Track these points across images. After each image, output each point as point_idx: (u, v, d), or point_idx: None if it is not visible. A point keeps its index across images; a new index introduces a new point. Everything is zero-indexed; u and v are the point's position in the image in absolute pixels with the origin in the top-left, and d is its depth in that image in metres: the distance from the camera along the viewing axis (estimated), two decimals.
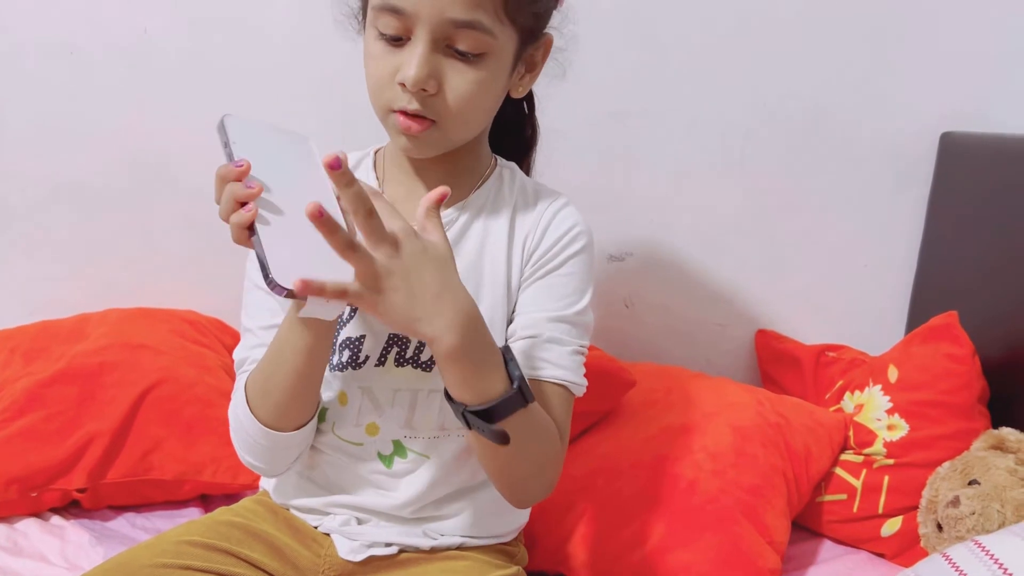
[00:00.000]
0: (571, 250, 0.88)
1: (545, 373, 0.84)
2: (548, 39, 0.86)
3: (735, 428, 1.21)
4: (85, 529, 1.15)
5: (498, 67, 0.79)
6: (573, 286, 0.88)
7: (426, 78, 0.76)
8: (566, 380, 0.85)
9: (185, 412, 1.22)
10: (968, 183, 1.38)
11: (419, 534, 0.91)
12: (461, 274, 0.79)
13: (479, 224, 0.89)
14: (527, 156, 1.01)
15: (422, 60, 0.75)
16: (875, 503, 1.21)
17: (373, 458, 0.89)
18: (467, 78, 0.77)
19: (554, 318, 0.86)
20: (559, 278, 0.88)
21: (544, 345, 0.85)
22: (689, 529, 1.09)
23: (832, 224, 1.49)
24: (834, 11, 1.38)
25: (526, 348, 0.85)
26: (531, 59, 0.85)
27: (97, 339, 1.29)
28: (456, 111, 0.79)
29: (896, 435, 1.22)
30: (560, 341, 0.85)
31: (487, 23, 0.75)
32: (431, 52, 0.76)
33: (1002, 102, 1.41)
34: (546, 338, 0.85)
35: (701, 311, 1.53)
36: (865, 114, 1.43)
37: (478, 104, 0.80)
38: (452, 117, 0.79)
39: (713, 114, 1.42)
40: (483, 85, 0.78)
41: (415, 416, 0.88)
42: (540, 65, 0.87)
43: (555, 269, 0.88)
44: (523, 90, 0.87)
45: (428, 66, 0.75)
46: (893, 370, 1.28)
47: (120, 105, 1.39)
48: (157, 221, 1.45)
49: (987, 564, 0.80)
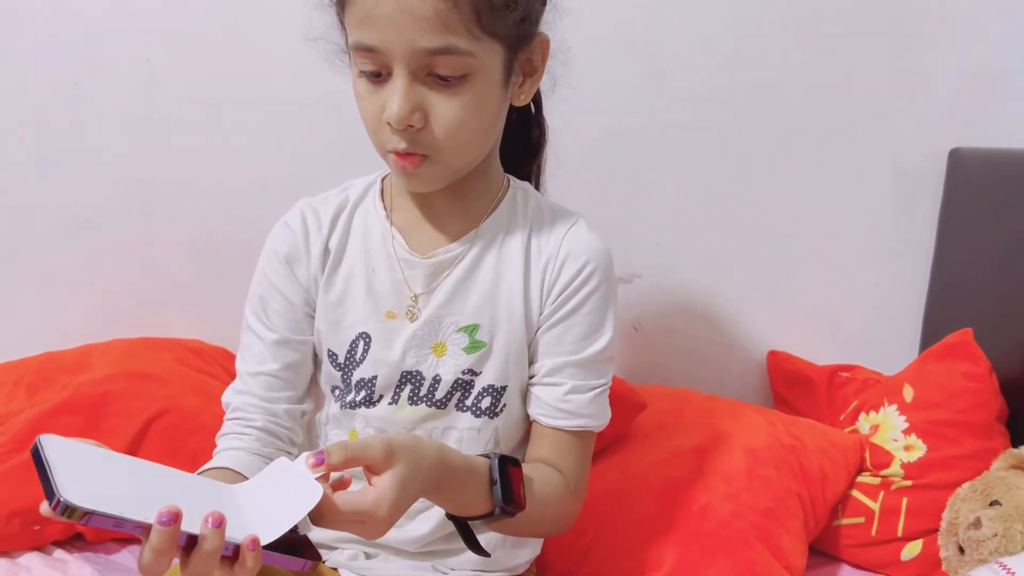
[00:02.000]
0: (591, 286, 0.86)
1: (566, 424, 0.85)
2: (543, 40, 0.82)
3: (748, 450, 1.19)
4: (88, 563, 1.13)
5: (486, 85, 0.76)
6: (595, 323, 0.86)
7: (409, 114, 0.73)
8: (587, 427, 0.86)
9: (190, 441, 1.20)
10: (978, 199, 1.37)
11: (428, 568, 0.89)
12: (475, 308, 0.83)
13: (493, 253, 0.87)
14: (535, 158, 0.97)
15: (403, 97, 0.73)
16: (894, 526, 1.18)
17: None
18: (452, 105, 0.74)
19: (576, 363, 0.86)
20: (581, 317, 0.86)
21: (567, 397, 0.85)
22: (702, 554, 1.07)
23: (841, 242, 1.47)
24: (839, 28, 1.38)
25: (548, 397, 0.86)
26: (528, 64, 0.82)
27: (101, 369, 1.28)
28: (447, 141, 0.76)
29: (913, 456, 1.20)
30: (583, 388, 0.86)
31: (462, 45, 0.72)
32: (411, 85, 0.73)
33: (1010, 118, 1.40)
34: (568, 389, 0.85)
35: (710, 332, 1.51)
36: (872, 131, 1.42)
37: (470, 128, 0.77)
38: (445, 148, 0.77)
39: (716, 133, 1.42)
40: (471, 109, 0.76)
41: None
42: (541, 68, 0.83)
43: (574, 311, 0.86)
44: (525, 97, 0.83)
45: (409, 102, 0.73)
46: (908, 389, 1.26)
47: (124, 136, 1.39)
48: (161, 251, 1.45)
49: None
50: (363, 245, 0.88)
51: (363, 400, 0.86)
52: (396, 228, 0.87)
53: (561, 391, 0.85)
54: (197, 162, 1.41)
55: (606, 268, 0.87)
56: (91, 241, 1.44)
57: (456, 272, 0.85)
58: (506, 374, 0.86)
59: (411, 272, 0.86)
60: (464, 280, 0.86)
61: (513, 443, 0.90)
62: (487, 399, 0.86)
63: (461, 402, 0.86)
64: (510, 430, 0.89)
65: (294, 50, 1.33)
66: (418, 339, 0.85)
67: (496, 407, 0.86)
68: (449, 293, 0.85)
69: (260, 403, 0.86)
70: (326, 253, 0.87)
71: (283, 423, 0.87)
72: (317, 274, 0.87)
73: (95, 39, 1.36)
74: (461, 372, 0.85)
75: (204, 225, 1.44)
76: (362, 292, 0.86)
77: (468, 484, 0.74)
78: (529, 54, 0.81)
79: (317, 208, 0.89)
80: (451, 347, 0.85)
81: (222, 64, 1.37)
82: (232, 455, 0.84)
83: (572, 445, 0.86)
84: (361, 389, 0.86)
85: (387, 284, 0.86)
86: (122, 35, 1.36)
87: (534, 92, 0.84)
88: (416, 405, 0.86)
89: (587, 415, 0.86)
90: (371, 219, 0.89)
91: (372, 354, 0.85)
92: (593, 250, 0.87)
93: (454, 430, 0.86)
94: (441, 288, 0.85)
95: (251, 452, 0.84)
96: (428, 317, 0.85)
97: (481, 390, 0.86)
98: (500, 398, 0.86)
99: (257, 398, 0.86)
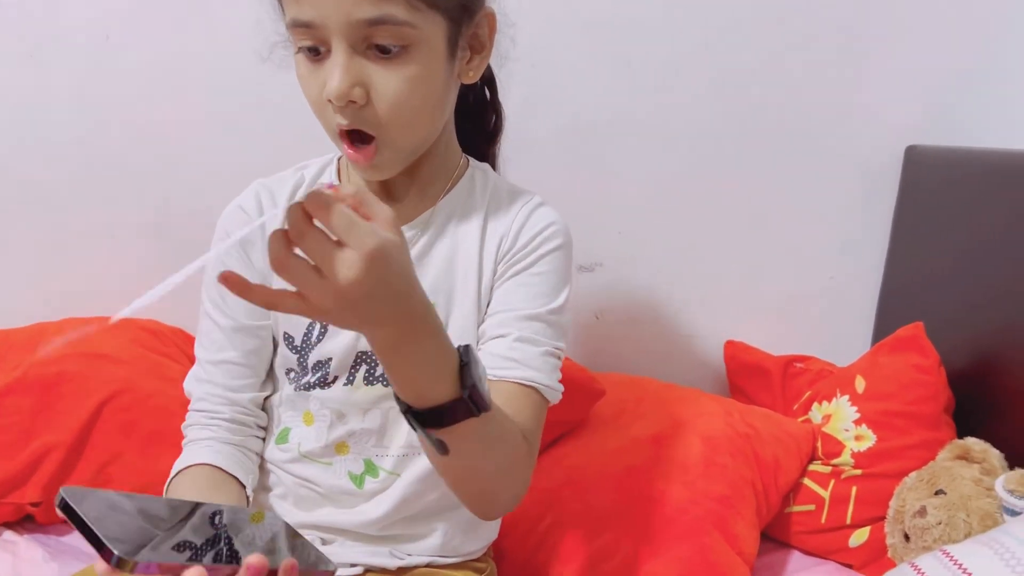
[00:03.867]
0: (547, 247, 0.84)
1: (513, 373, 0.79)
2: (489, 15, 0.79)
3: (705, 438, 1.21)
4: (39, 544, 1.11)
5: (430, 59, 0.74)
6: (549, 284, 0.84)
7: (349, 88, 0.71)
8: (536, 382, 0.79)
9: (145, 423, 1.19)
10: (933, 196, 1.40)
11: (386, 554, 0.89)
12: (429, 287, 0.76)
13: (449, 232, 0.86)
14: (491, 144, 0.96)
15: (342, 71, 0.70)
16: (843, 514, 1.21)
17: (343, 477, 0.87)
18: (394, 78, 0.72)
19: (526, 316, 0.81)
20: (533, 276, 0.84)
21: (514, 344, 0.80)
22: (659, 540, 1.08)
23: (799, 236, 1.50)
24: (801, 25, 1.39)
25: (495, 348, 0.80)
26: (475, 40, 0.79)
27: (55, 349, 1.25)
28: (392, 118, 0.74)
29: (864, 445, 1.22)
30: (532, 341, 0.80)
31: (401, 15, 0.70)
32: (351, 59, 0.71)
33: (967, 116, 1.43)
34: (516, 337, 0.80)
35: (670, 322, 1.53)
36: (832, 127, 1.44)
37: (414, 103, 0.74)
38: (391, 125, 0.74)
39: (681, 126, 1.43)
40: (414, 82, 0.73)
41: (386, 434, 0.86)
42: (489, 45, 0.81)
43: (529, 267, 0.84)
44: (474, 74, 0.81)
45: (349, 76, 0.71)
46: (860, 381, 1.28)
47: (82, 112, 1.36)
48: (118, 229, 1.42)
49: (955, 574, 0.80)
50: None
51: (318, 381, 0.85)
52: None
53: (509, 340, 0.80)
54: (154, 140, 1.38)
55: (566, 237, 0.86)
56: (45, 218, 1.40)
57: (412, 252, 0.82)
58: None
59: None
60: (420, 259, 0.84)
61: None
62: None
63: None
64: None
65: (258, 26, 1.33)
66: None
67: None
68: None
69: (224, 393, 0.85)
70: None
71: (248, 411, 0.87)
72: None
73: (53, 11, 1.32)
74: None
75: (161, 203, 1.41)
76: None
77: (436, 350, 0.64)
78: (475, 29, 0.78)
79: (272, 188, 0.88)
80: None
81: (182, 41, 1.34)
82: (205, 447, 0.83)
83: (524, 403, 0.79)
84: (317, 371, 0.85)
85: None
86: (81, 9, 1.32)
87: (483, 69, 0.82)
88: (372, 385, 0.85)
89: (536, 369, 0.79)
90: None
91: (328, 335, 0.84)
92: (554, 218, 0.86)
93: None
94: None
95: (222, 441, 0.84)
96: None
97: None
98: None
99: (220, 387, 0.85)
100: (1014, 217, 1.21)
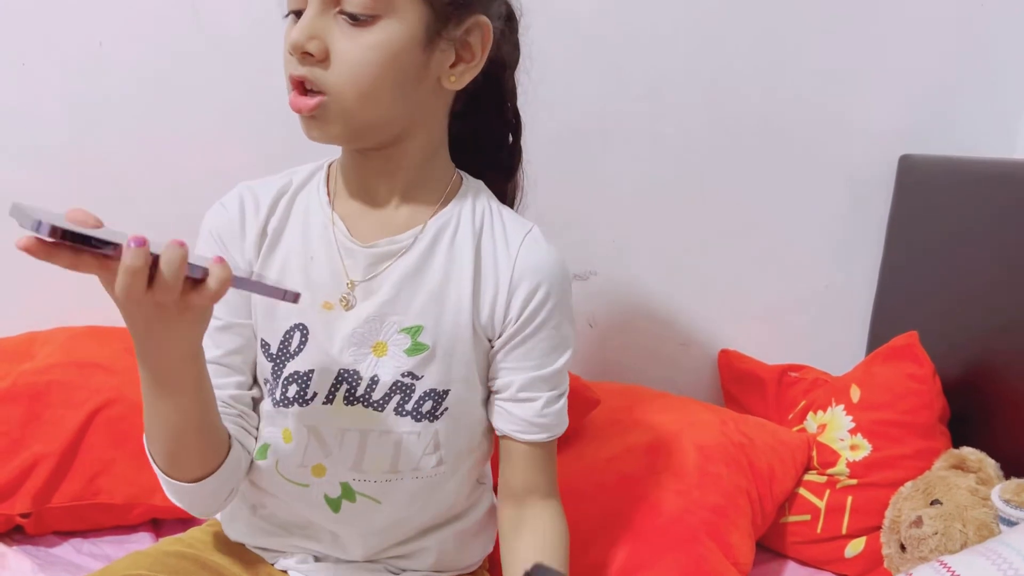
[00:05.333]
0: (548, 308, 0.83)
1: (540, 437, 0.86)
2: (481, 23, 0.77)
3: (699, 447, 1.20)
4: (28, 556, 1.10)
5: (399, 36, 0.72)
6: (557, 338, 0.85)
7: (306, 39, 0.71)
8: (557, 435, 0.87)
9: (136, 433, 1.16)
10: (926, 205, 1.40)
11: (381, 570, 0.88)
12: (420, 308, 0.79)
13: (442, 252, 0.82)
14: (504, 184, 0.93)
15: (304, 22, 0.72)
16: (839, 524, 1.21)
17: (319, 501, 0.85)
18: (356, 44, 0.72)
19: (544, 377, 0.85)
20: (543, 333, 0.84)
21: (544, 411, 0.85)
22: (653, 550, 1.08)
23: (793, 245, 1.50)
24: (793, 34, 1.40)
25: (522, 412, 0.85)
26: (463, 46, 0.77)
27: (45, 357, 1.24)
28: (347, 81, 0.72)
29: (859, 455, 1.22)
30: (553, 400, 0.86)
31: None
32: (318, 16, 0.72)
33: (960, 125, 1.44)
34: (544, 402, 0.85)
35: (664, 330, 1.52)
36: (825, 136, 1.45)
37: (372, 73, 0.73)
38: (344, 88, 0.73)
39: (676, 135, 1.43)
40: (376, 52, 0.72)
41: (365, 458, 0.83)
42: (479, 56, 0.78)
43: (538, 330, 0.84)
44: (457, 81, 0.78)
45: (309, 28, 0.71)
46: (855, 390, 1.28)
47: (70, 120, 1.35)
48: None
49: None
50: (303, 231, 0.83)
51: (295, 397, 0.81)
52: (339, 215, 0.83)
53: (537, 406, 0.84)
54: (146, 147, 1.37)
55: (560, 282, 0.84)
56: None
57: (400, 267, 0.81)
58: (448, 378, 0.82)
59: (351, 261, 0.81)
60: (410, 278, 0.81)
61: (456, 449, 0.86)
62: (428, 403, 0.82)
63: (401, 406, 0.82)
64: (451, 434, 0.85)
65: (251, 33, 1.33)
66: (358, 337, 0.80)
67: (437, 411, 0.83)
68: (394, 290, 0.80)
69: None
70: (263, 236, 0.83)
71: (231, 409, 0.83)
72: (252, 257, 0.83)
73: (45, 19, 1.32)
74: (401, 374, 0.81)
75: (154, 212, 1.40)
76: (298, 281, 0.81)
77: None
78: (465, 34, 0.77)
79: (256, 191, 0.85)
80: (392, 348, 0.81)
81: (176, 48, 1.34)
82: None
83: (546, 456, 0.87)
84: (292, 383, 0.81)
85: (325, 273, 0.81)
86: (72, 16, 1.32)
87: (468, 79, 0.79)
88: (352, 405, 0.81)
89: (558, 424, 0.87)
90: (313, 205, 0.84)
91: (310, 347, 0.81)
92: (547, 268, 0.83)
93: (392, 434, 0.82)
94: (383, 282, 0.81)
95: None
96: (370, 314, 0.80)
97: (423, 394, 0.82)
98: (442, 402, 0.83)
99: None
100: (1008, 226, 1.21)
